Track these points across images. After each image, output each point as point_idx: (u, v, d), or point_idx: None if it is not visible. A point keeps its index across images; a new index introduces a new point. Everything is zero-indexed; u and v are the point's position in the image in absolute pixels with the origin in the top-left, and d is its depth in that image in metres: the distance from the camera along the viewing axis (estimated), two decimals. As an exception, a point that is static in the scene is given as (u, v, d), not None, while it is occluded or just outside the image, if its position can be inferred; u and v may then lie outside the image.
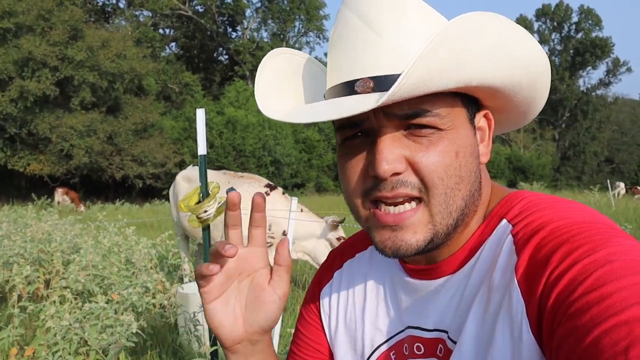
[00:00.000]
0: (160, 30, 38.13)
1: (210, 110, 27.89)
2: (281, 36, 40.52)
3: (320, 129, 32.09)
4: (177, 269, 5.12)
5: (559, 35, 52.54)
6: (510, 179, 36.27)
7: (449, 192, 0.60)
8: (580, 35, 51.16)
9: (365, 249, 0.82)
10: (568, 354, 0.47)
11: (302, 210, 4.73)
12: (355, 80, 0.60)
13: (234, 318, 0.67)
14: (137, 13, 35.63)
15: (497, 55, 0.59)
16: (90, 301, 3.11)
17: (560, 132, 51.27)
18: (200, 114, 2.03)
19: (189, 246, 5.38)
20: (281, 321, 3.38)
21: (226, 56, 42.35)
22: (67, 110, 24.07)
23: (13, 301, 3.43)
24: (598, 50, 49.46)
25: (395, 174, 0.59)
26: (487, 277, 0.61)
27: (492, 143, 0.70)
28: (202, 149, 2.02)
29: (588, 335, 0.45)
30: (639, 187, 26.24)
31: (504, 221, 0.64)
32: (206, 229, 2.02)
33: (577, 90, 50.07)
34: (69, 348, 2.78)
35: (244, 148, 26.54)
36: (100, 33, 25.47)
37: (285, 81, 0.72)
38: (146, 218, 12.66)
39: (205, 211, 1.84)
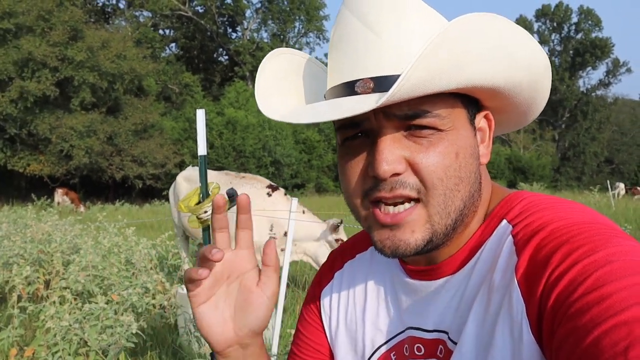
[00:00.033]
0: (160, 31, 38.15)
1: (210, 111, 27.87)
2: (281, 37, 40.52)
3: (320, 130, 32.09)
4: (177, 269, 5.12)
5: (558, 35, 52.56)
6: (510, 180, 36.26)
7: (448, 193, 0.60)
8: (580, 35, 51.18)
9: (365, 250, 0.82)
10: (568, 355, 0.47)
11: (304, 212, 4.73)
12: (356, 81, 0.60)
13: (224, 321, 0.66)
14: (137, 14, 35.66)
15: (497, 56, 0.59)
16: (90, 302, 3.12)
17: (560, 133, 51.28)
18: (200, 115, 2.03)
19: (189, 246, 5.38)
20: (281, 322, 3.37)
21: (226, 57, 42.37)
22: (67, 111, 24.07)
23: (13, 302, 3.42)
24: (598, 50, 49.47)
25: (395, 174, 0.59)
26: (488, 278, 0.61)
27: (492, 144, 0.70)
28: (202, 150, 2.02)
29: (588, 335, 0.45)
30: (638, 188, 26.25)
31: (504, 222, 0.64)
32: (206, 230, 2.02)
33: (577, 91, 50.07)
34: (68, 349, 2.78)
35: (244, 149, 26.53)
36: (100, 34, 25.48)
37: (286, 81, 0.72)
38: (146, 219, 12.65)
39: (205, 212, 1.84)
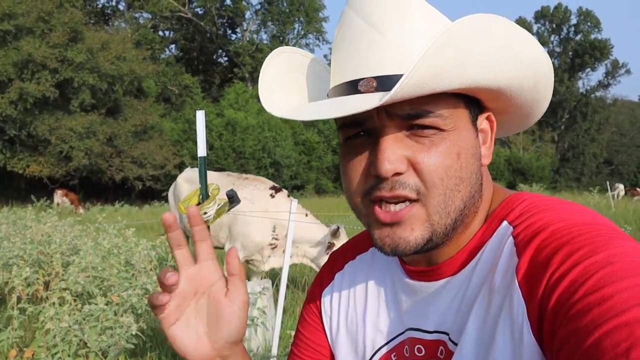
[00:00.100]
0: (160, 33, 38.16)
1: (210, 112, 27.85)
2: (281, 38, 40.50)
3: (319, 131, 32.07)
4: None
5: (558, 37, 52.58)
6: (510, 181, 36.25)
7: (448, 193, 0.60)
8: (579, 37, 51.20)
9: (366, 251, 0.82)
10: (569, 356, 0.47)
11: (307, 215, 4.74)
12: (359, 80, 0.60)
13: (198, 337, 0.66)
14: (137, 15, 35.66)
15: (504, 56, 0.59)
16: (90, 303, 3.11)
17: (560, 134, 51.29)
18: (200, 116, 2.03)
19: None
20: (281, 323, 3.37)
21: (226, 58, 42.34)
22: (67, 112, 24.05)
23: (12, 303, 3.41)
24: (597, 52, 49.49)
25: (397, 174, 0.59)
26: (488, 279, 0.61)
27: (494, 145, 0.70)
28: (202, 151, 2.02)
29: (589, 336, 0.45)
30: (638, 189, 26.28)
31: (505, 223, 0.64)
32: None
33: (576, 92, 50.08)
34: (68, 350, 2.78)
35: (243, 150, 26.51)
36: (100, 35, 25.46)
37: (288, 78, 0.73)
38: (146, 220, 12.64)
39: (205, 213, 1.84)
